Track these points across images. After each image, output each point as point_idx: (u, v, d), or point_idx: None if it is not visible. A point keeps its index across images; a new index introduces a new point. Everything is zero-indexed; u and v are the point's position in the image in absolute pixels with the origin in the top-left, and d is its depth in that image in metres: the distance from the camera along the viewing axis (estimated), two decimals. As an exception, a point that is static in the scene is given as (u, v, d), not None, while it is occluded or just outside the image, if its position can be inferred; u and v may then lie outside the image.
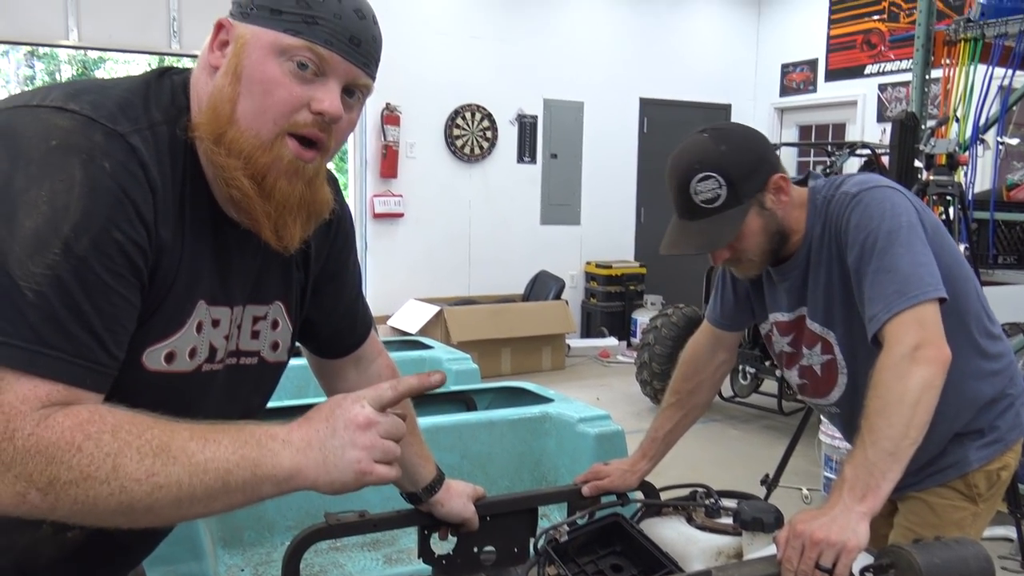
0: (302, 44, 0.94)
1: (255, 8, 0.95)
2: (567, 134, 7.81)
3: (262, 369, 1.14)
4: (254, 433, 0.90)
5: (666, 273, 8.03)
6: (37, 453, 0.79)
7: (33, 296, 0.81)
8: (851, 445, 1.38)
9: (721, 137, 1.51)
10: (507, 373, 6.51)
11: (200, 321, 1.00)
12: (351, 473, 0.92)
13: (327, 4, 0.95)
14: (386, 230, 7.07)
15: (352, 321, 1.31)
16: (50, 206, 0.82)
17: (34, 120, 0.87)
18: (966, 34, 3.85)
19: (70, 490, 0.80)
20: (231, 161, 0.94)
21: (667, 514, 1.56)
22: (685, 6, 8.29)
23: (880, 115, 7.36)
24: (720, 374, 1.82)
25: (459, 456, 2.12)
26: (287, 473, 0.89)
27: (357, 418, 0.94)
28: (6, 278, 0.80)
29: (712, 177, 1.47)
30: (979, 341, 1.58)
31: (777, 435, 5.06)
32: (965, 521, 1.62)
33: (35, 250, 0.81)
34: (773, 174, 1.52)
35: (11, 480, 0.79)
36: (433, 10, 7.06)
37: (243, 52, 0.94)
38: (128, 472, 0.82)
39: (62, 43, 6.02)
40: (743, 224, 1.50)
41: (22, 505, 0.80)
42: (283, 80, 0.95)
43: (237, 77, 0.94)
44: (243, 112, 0.94)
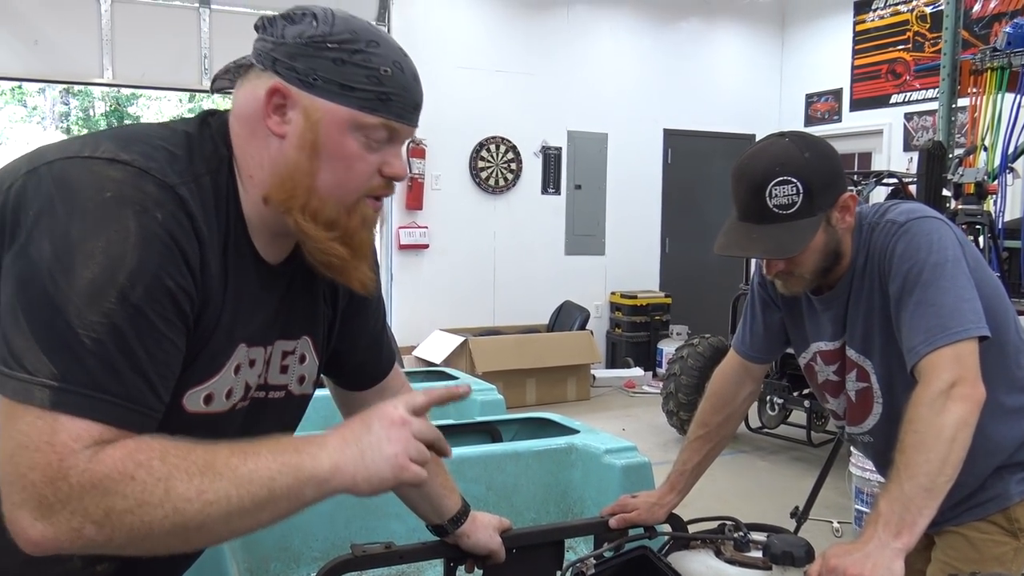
0: (379, 122, 0.99)
1: (320, 80, 0.97)
2: (591, 165, 7.84)
3: (288, 402, 1.15)
4: (290, 441, 0.93)
5: (692, 303, 8.00)
6: (92, 487, 0.82)
7: (91, 343, 0.84)
8: (883, 476, 1.36)
9: (805, 144, 1.46)
10: (532, 404, 6.49)
11: (239, 363, 1.03)
12: (388, 468, 0.94)
13: (396, 78, 0.99)
14: (411, 261, 7.12)
15: (377, 353, 1.32)
16: (106, 256, 0.85)
17: (87, 172, 0.89)
18: (993, 63, 3.84)
19: (126, 518, 0.82)
20: (321, 232, 1.00)
21: (695, 547, 1.54)
22: (709, 37, 8.34)
23: (906, 144, 7.32)
24: (747, 405, 1.80)
25: (485, 487, 2.10)
26: (327, 473, 0.92)
27: (392, 416, 0.97)
28: (65, 326, 0.83)
29: (792, 183, 1.42)
30: (1018, 374, 1.55)
31: (806, 467, 4.98)
32: (1006, 556, 1.58)
33: (92, 299, 0.84)
34: (845, 191, 1.48)
35: (67, 516, 0.81)
36: (458, 44, 7.16)
37: (319, 128, 0.98)
38: (180, 493, 0.84)
39: (97, 81, 6.17)
40: (814, 237, 1.46)
41: (78, 540, 0.82)
42: (361, 154, 1.00)
43: (316, 152, 0.98)
44: (324, 183, 0.99)
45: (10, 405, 0.83)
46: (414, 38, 6.97)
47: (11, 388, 0.83)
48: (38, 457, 0.81)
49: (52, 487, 0.81)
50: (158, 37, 6.13)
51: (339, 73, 0.97)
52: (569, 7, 7.65)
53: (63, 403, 0.82)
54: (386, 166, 1.02)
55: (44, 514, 0.81)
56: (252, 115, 1.00)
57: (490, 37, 7.35)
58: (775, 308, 1.73)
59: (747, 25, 8.48)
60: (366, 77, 0.97)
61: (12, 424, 0.82)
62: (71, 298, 0.84)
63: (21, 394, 0.82)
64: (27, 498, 0.81)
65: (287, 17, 1.00)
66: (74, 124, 14.74)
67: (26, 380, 0.82)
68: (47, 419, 0.82)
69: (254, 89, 1.00)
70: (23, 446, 0.82)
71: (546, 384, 6.67)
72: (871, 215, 1.55)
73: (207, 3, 6.26)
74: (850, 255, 1.54)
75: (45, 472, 0.81)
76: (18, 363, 0.83)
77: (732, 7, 8.28)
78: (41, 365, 0.83)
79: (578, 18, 7.69)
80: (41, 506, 0.81)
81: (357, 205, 1.02)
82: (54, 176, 0.89)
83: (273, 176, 0.99)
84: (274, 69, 0.98)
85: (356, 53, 0.97)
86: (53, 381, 0.82)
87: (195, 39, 6.25)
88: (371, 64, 0.98)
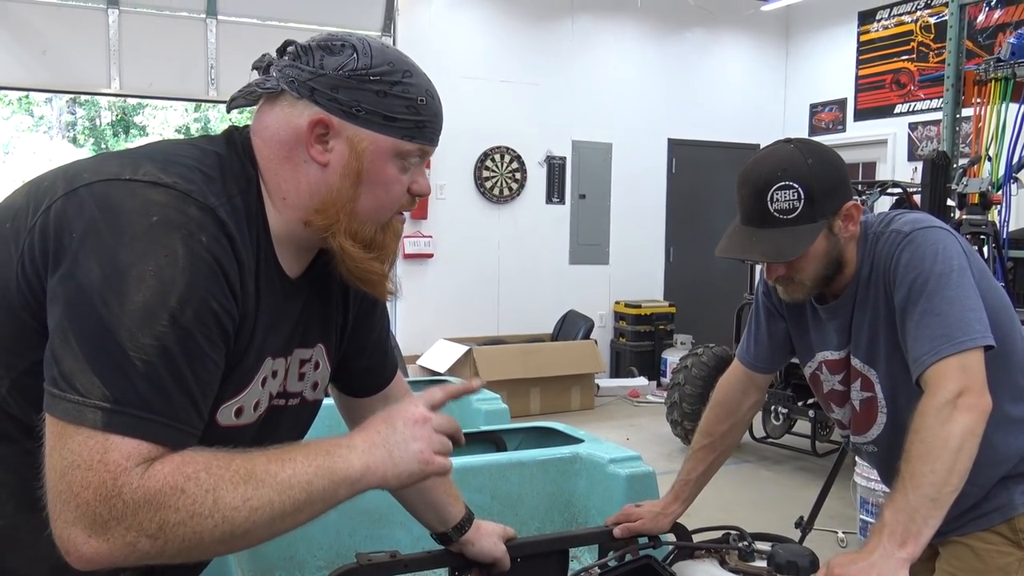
0: (416, 148, 1.06)
1: (364, 112, 1.02)
2: (596, 175, 7.85)
3: (302, 408, 1.19)
4: (320, 445, 0.98)
5: (696, 312, 7.99)
6: (146, 503, 0.84)
7: (142, 365, 0.86)
8: (887, 486, 1.36)
9: (809, 151, 1.47)
10: (536, 413, 6.48)
11: (265, 376, 1.06)
12: (416, 463, 1.01)
13: (429, 106, 1.06)
14: (416, 270, 7.13)
15: (383, 357, 1.35)
16: (157, 279, 0.88)
17: (131, 195, 0.92)
18: (997, 73, 3.84)
19: (179, 530, 0.86)
20: (362, 253, 1.06)
21: (700, 557, 1.54)
22: (713, 48, 8.36)
23: (911, 154, 7.32)
24: (751, 414, 1.80)
25: (489, 497, 2.11)
26: (359, 473, 0.97)
27: (414, 415, 1.03)
28: (117, 348, 0.86)
29: (793, 188, 1.43)
30: (1023, 384, 1.55)
31: (811, 476, 4.96)
32: (1011, 567, 1.57)
33: (145, 321, 0.87)
34: (849, 200, 1.49)
35: (122, 532, 0.84)
36: (463, 55, 7.19)
37: (365, 157, 1.03)
38: (227, 502, 0.88)
39: (104, 91, 6.21)
40: (812, 243, 1.47)
41: (132, 554, 0.85)
42: (398, 177, 1.07)
43: (359, 180, 1.04)
44: (364, 207, 1.06)
45: (60, 424, 0.85)
46: (419, 48, 7.00)
47: (62, 409, 0.85)
48: (91, 476, 0.83)
49: (106, 505, 0.83)
50: (165, 47, 6.18)
51: (382, 105, 1.02)
52: (573, 17, 7.68)
53: (115, 424, 0.85)
54: (414, 184, 1.09)
55: (98, 531, 0.83)
56: (287, 141, 1.04)
57: (495, 47, 7.38)
58: (780, 318, 1.73)
59: (751, 35, 8.50)
60: (406, 107, 1.03)
61: (63, 443, 0.85)
62: (123, 321, 0.86)
63: (72, 415, 0.84)
64: (80, 516, 0.83)
65: (325, 48, 1.03)
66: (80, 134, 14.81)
67: (78, 402, 0.84)
68: (98, 439, 0.84)
69: (290, 117, 1.03)
70: (75, 465, 0.84)
71: (550, 393, 6.67)
72: (876, 224, 1.55)
73: (214, 14, 6.30)
74: (855, 264, 1.54)
75: (99, 491, 0.83)
76: (69, 384, 0.85)
77: (736, 17, 8.30)
78: (93, 387, 0.85)
79: (582, 28, 7.72)
80: (96, 523, 0.83)
81: (390, 222, 1.09)
82: (96, 199, 0.91)
83: (314, 201, 1.04)
84: (313, 99, 1.02)
85: (396, 85, 1.03)
86: (105, 403, 0.85)
87: (202, 49, 6.29)
88: (409, 95, 1.04)
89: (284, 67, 1.04)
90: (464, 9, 7.25)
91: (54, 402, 0.86)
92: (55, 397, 0.86)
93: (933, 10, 7.17)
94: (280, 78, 1.03)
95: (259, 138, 1.05)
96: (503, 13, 7.40)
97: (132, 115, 14.67)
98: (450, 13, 7.17)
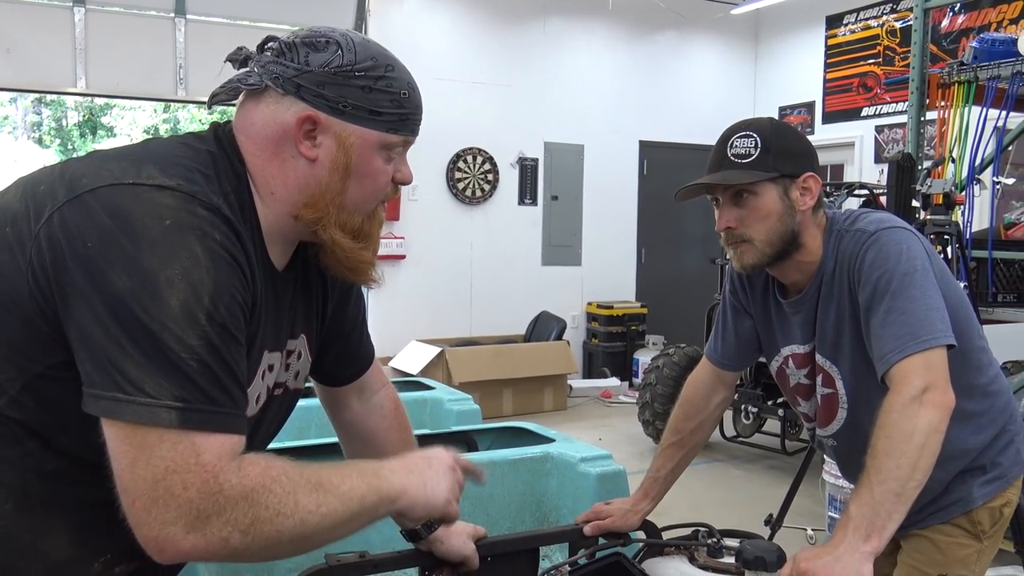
0: (401, 139, 1.10)
1: (351, 107, 1.05)
2: (568, 176, 7.88)
3: (285, 397, 1.22)
4: (368, 466, 1.08)
5: (667, 313, 8.05)
6: (242, 499, 0.91)
7: (196, 364, 0.90)
8: (846, 478, 1.38)
9: (779, 121, 1.60)
10: (509, 414, 6.48)
11: (264, 369, 1.10)
12: (443, 499, 1.13)
13: (411, 99, 1.10)
14: (388, 272, 7.09)
15: (358, 342, 1.38)
16: (187, 282, 0.91)
17: (138, 200, 0.93)
18: (960, 77, 3.91)
19: (265, 527, 0.92)
20: (351, 243, 1.10)
21: (669, 554, 1.55)
22: (684, 50, 8.42)
23: (877, 156, 7.43)
24: (720, 412, 1.82)
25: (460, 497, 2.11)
26: (398, 492, 1.07)
27: (447, 460, 1.17)
28: (171, 351, 0.89)
29: (752, 137, 1.52)
30: (980, 380, 1.59)
31: (780, 475, 5.02)
32: (970, 558, 1.61)
33: (187, 323, 0.90)
34: (808, 173, 1.54)
35: (219, 527, 0.89)
36: (435, 56, 7.17)
37: (352, 151, 1.06)
38: (304, 505, 0.95)
39: (70, 91, 6.12)
40: (762, 192, 1.50)
41: (224, 549, 0.91)
42: (384, 168, 1.11)
43: (348, 173, 1.07)
44: (351, 199, 1.09)
45: (136, 432, 0.88)
46: (391, 49, 6.95)
47: (132, 412, 0.88)
48: (191, 477, 0.88)
49: (210, 500, 0.89)
50: (132, 46, 6.10)
51: (367, 100, 1.05)
52: (546, 19, 7.70)
53: (190, 421, 0.89)
54: (398, 173, 1.13)
55: (197, 527, 0.88)
56: (275, 137, 1.06)
57: (467, 48, 7.38)
58: (746, 315, 1.75)
59: (721, 38, 8.58)
60: (390, 101, 1.07)
61: (148, 452, 0.88)
62: (167, 325, 0.89)
63: (145, 417, 0.87)
64: (181, 514, 0.88)
65: (310, 44, 1.05)
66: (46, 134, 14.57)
67: (150, 404, 0.88)
68: (185, 441, 0.88)
69: (276, 113, 1.05)
70: (172, 470, 0.88)
71: (523, 394, 6.67)
72: (842, 221, 1.58)
73: (183, 13, 6.23)
74: (819, 256, 1.57)
75: (201, 489, 0.88)
76: (137, 389, 0.88)
77: (707, 21, 8.37)
78: (161, 389, 0.88)
79: (554, 30, 7.74)
80: (197, 519, 0.88)
81: (375, 211, 1.14)
82: (104, 205, 0.92)
83: (303, 195, 1.07)
84: (299, 95, 1.04)
85: (380, 80, 1.06)
86: (177, 402, 0.88)
87: (170, 48, 6.22)
88: (393, 89, 1.07)
89: (267, 63, 1.05)
90: (436, 10, 7.24)
91: (120, 406, 0.88)
92: (121, 402, 0.88)
93: (899, 15, 7.29)
94: (264, 74, 1.04)
95: (244, 135, 1.07)
96: (475, 14, 7.40)
97: (99, 115, 14.45)
98: (422, 14, 7.16)
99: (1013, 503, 1.64)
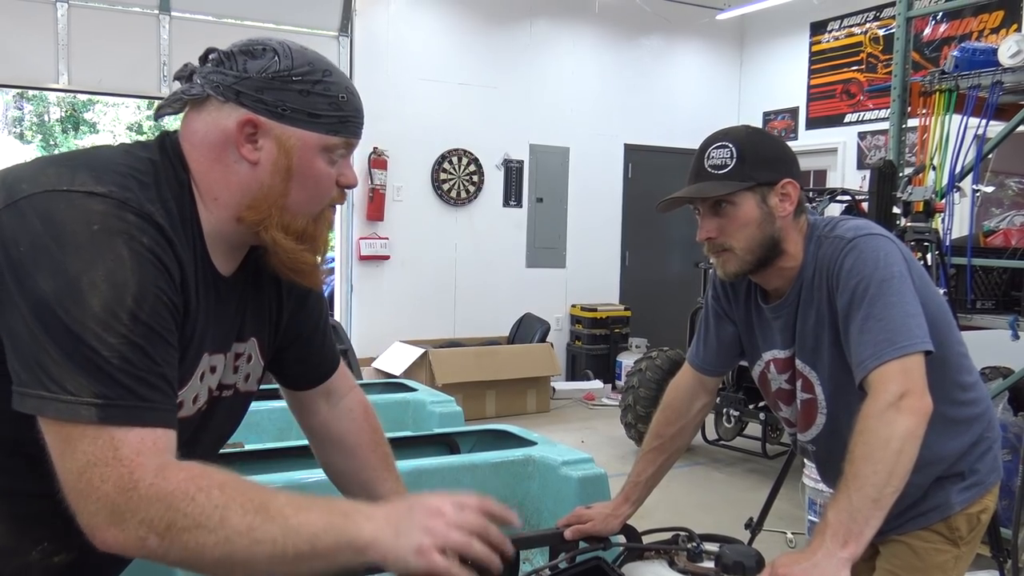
0: (342, 142, 1.11)
1: (290, 110, 1.06)
2: (553, 179, 7.89)
3: (235, 399, 1.23)
4: (341, 504, 1.01)
5: (651, 316, 8.07)
6: (157, 500, 0.90)
7: (118, 362, 0.92)
8: (825, 483, 1.39)
9: (756, 129, 1.63)
10: (492, 416, 6.48)
11: (204, 371, 1.11)
12: (412, 555, 0.97)
13: (350, 102, 1.11)
14: (372, 272, 7.09)
15: (320, 350, 1.38)
16: (110, 283, 0.92)
17: (70, 206, 0.95)
18: (941, 85, 3.95)
19: (183, 536, 0.90)
20: (294, 244, 1.10)
21: (649, 558, 1.55)
22: (669, 55, 8.46)
23: (860, 162, 7.49)
24: (701, 416, 1.82)
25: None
26: (365, 543, 0.96)
27: (431, 506, 1.01)
28: (91, 352, 0.91)
29: (728, 147, 1.53)
30: (958, 387, 1.60)
31: (761, 478, 5.04)
32: (948, 564, 1.62)
33: (108, 324, 0.91)
34: (786, 179, 1.54)
35: (135, 525, 0.90)
36: (421, 57, 7.17)
37: (293, 153, 1.08)
38: (232, 524, 0.91)
39: (52, 86, 6.06)
40: (740, 202, 1.51)
41: (142, 549, 0.91)
42: (327, 171, 1.11)
43: (289, 175, 1.08)
44: (294, 201, 1.10)
45: (61, 427, 0.91)
46: (377, 50, 6.97)
47: (55, 409, 0.90)
48: (108, 471, 0.90)
49: (124, 496, 0.89)
50: (116, 43, 6.05)
51: (305, 103, 1.07)
52: (532, 22, 7.71)
53: (110, 417, 0.91)
54: (342, 176, 1.14)
55: (116, 521, 0.90)
56: (217, 143, 1.08)
57: (453, 50, 7.37)
58: (728, 321, 1.76)
59: (707, 44, 8.62)
60: (328, 104, 1.08)
61: (72, 446, 0.91)
62: (88, 325, 0.91)
63: (66, 414, 0.90)
64: (101, 507, 0.90)
65: (247, 52, 1.07)
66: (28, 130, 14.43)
67: (71, 401, 0.90)
68: (104, 436, 0.90)
69: (217, 120, 1.07)
70: (91, 463, 0.90)
71: (506, 396, 6.67)
72: (822, 227, 1.59)
73: (167, 9, 6.19)
74: (799, 261, 1.58)
75: (117, 484, 0.89)
76: (60, 387, 0.90)
77: (692, 26, 8.40)
78: (81, 387, 0.90)
79: (540, 33, 7.76)
80: (114, 513, 0.89)
81: (322, 214, 1.14)
82: (37, 211, 0.94)
83: (245, 198, 1.08)
84: (239, 101, 1.06)
85: (317, 83, 1.07)
86: (96, 399, 0.90)
87: (154, 45, 6.18)
88: (331, 92, 1.08)
89: (208, 73, 1.08)
90: (422, 11, 7.23)
91: (45, 404, 0.91)
92: (46, 399, 0.90)
93: (882, 22, 7.35)
94: (205, 84, 1.07)
95: (188, 143, 1.09)
96: (461, 16, 7.39)
97: (82, 111, 14.33)
98: (408, 15, 7.15)
99: (990, 509, 1.65)
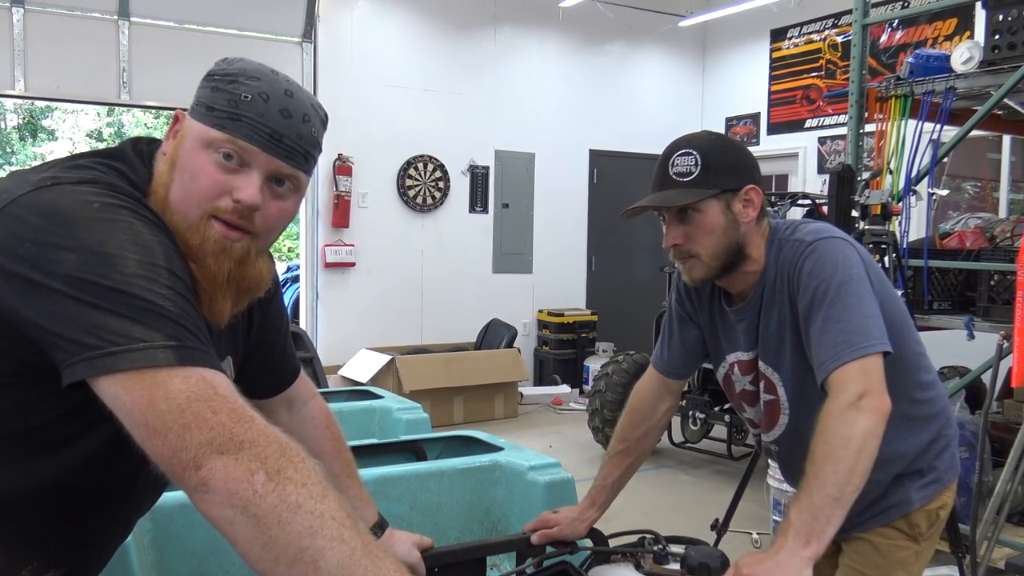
0: (224, 137, 1.03)
1: (197, 104, 1.06)
2: (519, 184, 7.91)
3: None
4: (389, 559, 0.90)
5: (617, 320, 8.11)
6: (275, 442, 0.86)
7: (175, 308, 0.90)
8: (789, 483, 1.40)
9: (718, 135, 1.62)
10: (460, 422, 6.47)
11: None
12: None
13: (252, 104, 1.04)
14: (338, 279, 7.04)
15: (281, 359, 1.37)
16: (136, 245, 0.92)
17: (63, 195, 0.94)
18: (896, 91, 4.03)
19: (288, 487, 0.84)
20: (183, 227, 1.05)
21: (616, 561, 1.56)
22: (633, 62, 8.53)
23: (820, 166, 7.61)
24: (666, 419, 1.84)
25: (408, 507, 2.09)
26: None
27: None
28: (146, 303, 0.88)
29: (692, 155, 1.54)
30: (916, 386, 1.64)
31: (727, 480, 5.09)
32: (908, 560, 1.65)
33: (152, 278, 0.90)
34: (750, 184, 1.56)
35: (250, 457, 0.84)
36: (385, 63, 7.15)
37: (181, 143, 1.05)
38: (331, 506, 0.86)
39: (8, 93, 5.94)
40: (705, 209, 1.53)
41: (247, 487, 0.83)
42: (208, 169, 1.04)
43: (173, 164, 1.05)
44: (174, 196, 1.04)
45: (142, 377, 0.85)
46: (340, 56, 6.93)
47: (129, 359, 0.86)
48: (218, 404, 0.86)
49: (242, 426, 0.85)
50: (74, 48, 5.95)
51: (209, 97, 1.05)
52: (496, 28, 7.73)
53: (188, 358, 0.87)
54: (236, 190, 1.04)
55: (231, 448, 0.84)
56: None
57: (417, 56, 7.36)
58: (692, 324, 1.77)
59: (670, 50, 8.70)
60: (227, 101, 1.04)
61: (164, 387, 0.85)
62: (134, 282, 0.89)
63: (143, 360, 0.85)
64: (216, 436, 0.84)
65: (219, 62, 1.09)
66: (-17, 136, 14.11)
67: (144, 347, 0.86)
68: (194, 375, 0.86)
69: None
70: (196, 398, 0.85)
71: (474, 402, 6.66)
72: (783, 231, 1.61)
73: (126, 15, 6.10)
74: (762, 265, 1.60)
75: (231, 414, 0.85)
76: (127, 338, 0.86)
77: (655, 32, 8.49)
78: (150, 334, 0.87)
79: (505, 39, 7.78)
80: (231, 440, 0.84)
81: (201, 224, 1.03)
82: (31, 209, 0.92)
83: (152, 192, 1.06)
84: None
85: (231, 83, 1.04)
86: (169, 341, 0.87)
87: (113, 51, 6.09)
88: (237, 91, 1.04)
89: None
90: (386, 17, 7.21)
91: (116, 359, 0.85)
92: (116, 354, 0.85)
93: (840, 29, 7.48)
94: None
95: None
96: (425, 22, 7.39)
97: (40, 118, 14.05)
98: (372, 21, 7.13)
99: (948, 506, 1.69)
